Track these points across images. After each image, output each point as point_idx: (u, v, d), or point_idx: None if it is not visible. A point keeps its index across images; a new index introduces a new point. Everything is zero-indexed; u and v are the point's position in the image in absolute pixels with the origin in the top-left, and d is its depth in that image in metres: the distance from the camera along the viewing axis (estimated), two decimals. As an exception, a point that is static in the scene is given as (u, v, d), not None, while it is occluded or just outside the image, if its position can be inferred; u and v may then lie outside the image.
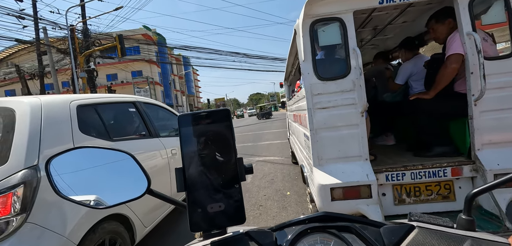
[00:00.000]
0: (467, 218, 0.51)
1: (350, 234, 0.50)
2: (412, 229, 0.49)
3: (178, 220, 3.31)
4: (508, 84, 1.87)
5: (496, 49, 2.08)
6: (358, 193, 1.90)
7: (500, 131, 1.90)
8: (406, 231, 0.48)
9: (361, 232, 0.49)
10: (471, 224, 0.50)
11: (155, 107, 3.25)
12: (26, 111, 1.69)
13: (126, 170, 0.63)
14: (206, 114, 0.52)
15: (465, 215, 0.51)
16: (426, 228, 0.49)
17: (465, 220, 0.51)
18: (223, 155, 0.52)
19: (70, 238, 1.62)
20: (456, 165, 1.96)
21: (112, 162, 0.64)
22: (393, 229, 0.49)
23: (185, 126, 0.52)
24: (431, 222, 0.51)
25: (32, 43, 12.54)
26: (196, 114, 0.52)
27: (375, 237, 0.48)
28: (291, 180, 4.59)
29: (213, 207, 0.51)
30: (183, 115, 0.52)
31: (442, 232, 0.48)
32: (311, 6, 1.97)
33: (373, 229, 0.50)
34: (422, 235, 0.47)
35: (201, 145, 0.52)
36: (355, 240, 0.49)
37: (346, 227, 0.51)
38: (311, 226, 0.52)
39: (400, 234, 0.48)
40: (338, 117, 2.01)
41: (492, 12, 1.96)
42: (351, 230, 0.51)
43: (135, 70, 29.51)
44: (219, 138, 0.52)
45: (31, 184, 1.49)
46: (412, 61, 2.74)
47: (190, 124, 0.52)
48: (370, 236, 0.48)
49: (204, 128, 0.52)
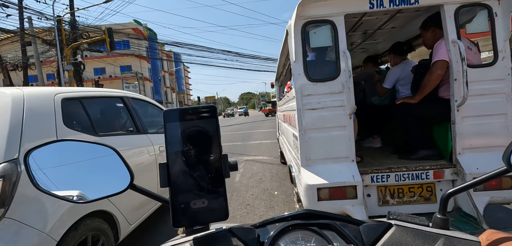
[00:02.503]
0: (441, 217, 0.53)
1: (330, 232, 0.52)
2: (390, 227, 0.50)
3: (164, 218, 3.27)
4: (489, 92, 1.95)
5: (479, 58, 2.16)
6: (344, 194, 1.93)
7: (480, 136, 1.97)
8: (384, 229, 0.50)
9: (341, 229, 0.51)
10: (445, 223, 0.52)
11: (143, 103, 3.20)
12: (7, 102, 1.62)
13: (109, 165, 0.62)
14: (192, 110, 0.52)
15: (440, 214, 0.53)
16: (403, 226, 0.51)
17: (440, 219, 0.53)
18: (208, 151, 0.53)
19: (51, 234, 1.57)
20: (438, 168, 2.02)
21: (95, 156, 0.62)
22: (372, 226, 0.51)
23: (170, 121, 0.51)
24: (408, 220, 0.53)
25: (16, 33, 12.07)
26: (182, 110, 0.52)
27: (355, 235, 0.50)
28: (279, 179, 4.61)
29: (196, 203, 0.51)
30: (169, 111, 0.52)
31: (418, 230, 0.49)
32: (304, 8, 1.99)
33: (353, 226, 0.52)
34: (399, 233, 0.49)
35: (186, 140, 0.52)
36: (335, 237, 0.50)
37: (327, 225, 0.53)
38: (292, 223, 0.53)
39: (379, 231, 0.50)
40: (327, 118, 2.04)
41: (476, 21, 2.04)
42: (332, 227, 0.52)
43: (124, 65, 28.90)
44: (204, 134, 0.52)
45: (11, 178, 1.44)
46: (400, 66, 2.80)
47: (176, 119, 0.51)
48: (350, 234, 0.50)
49: (189, 124, 0.52)
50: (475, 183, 0.52)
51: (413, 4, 1.98)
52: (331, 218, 0.54)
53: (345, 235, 0.50)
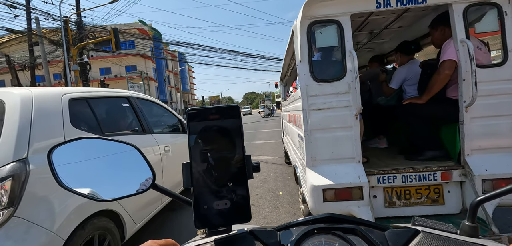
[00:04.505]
0: (471, 225, 0.51)
1: (355, 236, 0.50)
2: (417, 233, 0.49)
3: (169, 217, 3.29)
4: (499, 92, 1.91)
5: (489, 57, 2.12)
6: (350, 195, 1.92)
7: (489, 137, 1.94)
8: (411, 235, 0.48)
9: (367, 234, 0.49)
10: (474, 231, 0.50)
11: (149, 103, 3.22)
12: (16, 103, 1.65)
13: (131, 163, 0.61)
14: (215, 109, 0.51)
15: (469, 222, 0.51)
16: (431, 233, 0.49)
17: (469, 226, 0.51)
18: (231, 152, 0.51)
19: (59, 233, 1.59)
20: (446, 170, 1.99)
21: (116, 153, 0.62)
22: (398, 233, 0.50)
23: (193, 121, 0.51)
24: (435, 227, 0.51)
25: (24, 34, 12.24)
26: (205, 109, 0.51)
27: (380, 240, 0.48)
28: (284, 180, 4.60)
29: (218, 204, 0.50)
30: (192, 109, 0.51)
31: (446, 237, 0.48)
32: (310, 8, 1.97)
33: (378, 232, 0.51)
34: (427, 240, 0.47)
35: (209, 140, 0.51)
36: (360, 242, 0.49)
37: (351, 229, 0.51)
38: (317, 226, 0.51)
39: (405, 238, 0.48)
40: (333, 119, 2.03)
41: (486, 20, 2.00)
42: (356, 232, 0.50)
43: (129, 65, 29.12)
44: (227, 134, 0.51)
45: (20, 178, 1.46)
46: (407, 66, 2.77)
47: (199, 118, 0.51)
48: (376, 239, 0.48)
49: (212, 124, 0.51)
50: (509, 190, 0.49)
51: (421, 3, 1.95)
52: (355, 222, 0.53)
53: (370, 240, 0.48)
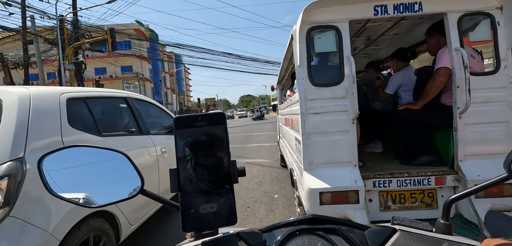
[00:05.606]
0: (445, 223, 0.54)
1: (336, 236, 0.53)
2: (394, 232, 0.52)
3: (165, 219, 3.27)
4: (491, 99, 1.96)
5: (483, 66, 2.18)
6: (346, 198, 1.94)
7: (482, 143, 1.99)
8: (388, 234, 0.52)
9: (347, 234, 0.52)
10: (448, 228, 0.54)
11: (146, 104, 3.21)
12: (13, 101, 1.63)
13: (120, 170, 0.63)
14: (201, 116, 0.53)
15: (443, 220, 0.55)
16: (407, 231, 0.52)
17: (443, 224, 0.54)
18: (217, 157, 0.54)
19: (54, 234, 1.58)
20: (439, 174, 2.03)
21: (105, 160, 0.64)
22: (377, 231, 0.53)
23: (181, 128, 0.52)
24: (412, 225, 0.55)
25: (18, 32, 12.09)
26: (192, 117, 0.53)
27: (360, 239, 0.51)
28: (280, 183, 4.61)
29: (205, 208, 0.52)
30: (179, 117, 0.53)
31: (421, 235, 0.51)
32: (309, 13, 2.01)
33: (358, 231, 0.54)
34: (404, 238, 0.50)
35: (196, 146, 0.53)
36: (341, 241, 0.52)
37: (333, 230, 0.54)
38: (299, 228, 0.54)
39: (383, 236, 0.51)
40: (330, 123, 2.05)
41: (479, 29, 2.05)
42: (338, 232, 0.53)
43: (125, 65, 28.94)
44: (213, 140, 0.54)
45: (16, 177, 1.45)
46: (402, 72, 2.82)
47: (186, 125, 0.53)
48: (355, 238, 0.51)
49: (199, 130, 0.53)
50: (476, 189, 0.53)
51: (417, 12, 2.00)
52: (337, 222, 0.56)
53: (350, 240, 0.51)
